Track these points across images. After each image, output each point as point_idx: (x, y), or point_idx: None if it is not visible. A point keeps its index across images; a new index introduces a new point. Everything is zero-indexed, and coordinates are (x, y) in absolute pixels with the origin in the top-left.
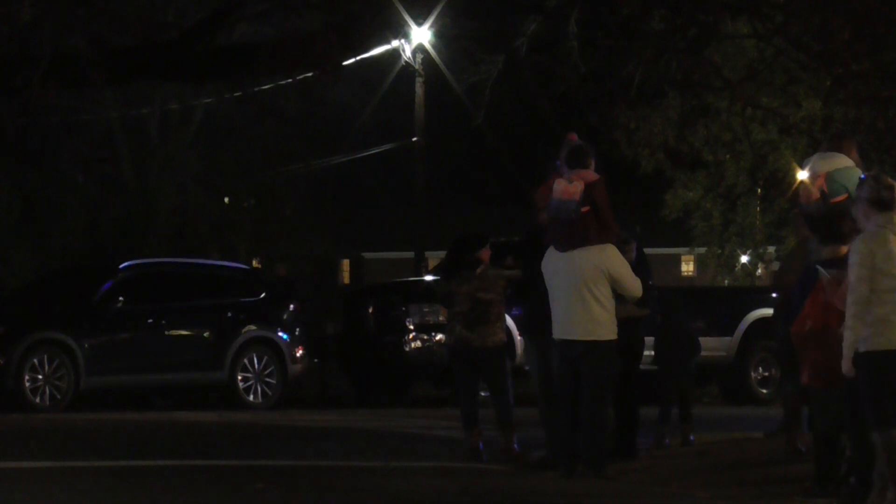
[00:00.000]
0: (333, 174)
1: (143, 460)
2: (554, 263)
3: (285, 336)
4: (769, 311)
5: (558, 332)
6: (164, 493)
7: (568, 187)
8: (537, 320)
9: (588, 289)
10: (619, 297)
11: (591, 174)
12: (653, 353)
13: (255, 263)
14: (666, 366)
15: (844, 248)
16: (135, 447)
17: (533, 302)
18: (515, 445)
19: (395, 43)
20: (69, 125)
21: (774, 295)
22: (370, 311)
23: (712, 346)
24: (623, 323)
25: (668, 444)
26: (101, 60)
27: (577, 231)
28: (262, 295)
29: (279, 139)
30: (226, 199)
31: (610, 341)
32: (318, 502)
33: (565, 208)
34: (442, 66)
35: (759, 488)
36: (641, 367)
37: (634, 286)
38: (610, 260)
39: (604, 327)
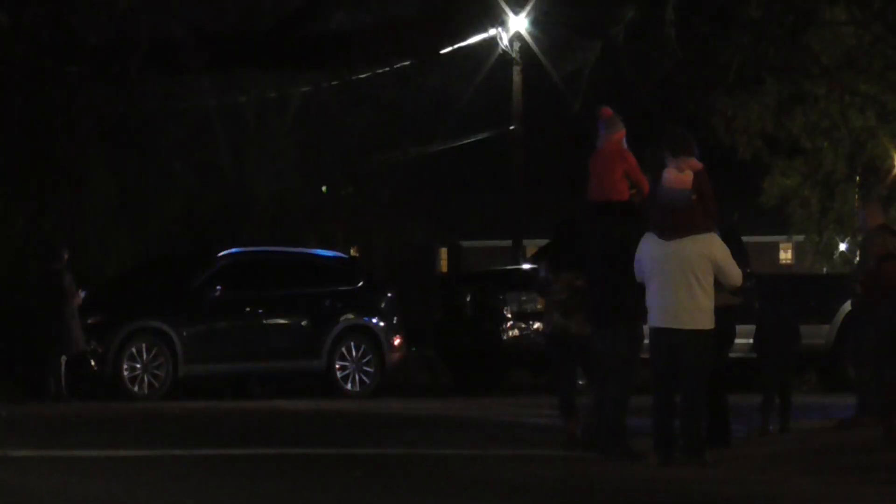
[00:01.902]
0: (431, 162)
1: (240, 449)
2: (657, 251)
3: (383, 324)
4: None
5: (659, 321)
6: (261, 482)
7: (680, 176)
8: (606, 308)
9: (696, 277)
10: (717, 284)
11: (697, 162)
12: (752, 341)
13: (352, 251)
14: (766, 354)
15: None
16: (232, 436)
17: (599, 289)
18: None
19: (492, 31)
20: (167, 112)
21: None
22: (468, 299)
23: (810, 333)
24: (717, 311)
25: (771, 431)
26: (199, 48)
27: (684, 219)
28: (360, 283)
29: (376, 127)
30: (323, 188)
31: (710, 330)
32: (416, 491)
33: (679, 197)
34: (539, 54)
35: (861, 475)
36: (741, 355)
37: (737, 275)
38: (716, 248)
39: (707, 316)
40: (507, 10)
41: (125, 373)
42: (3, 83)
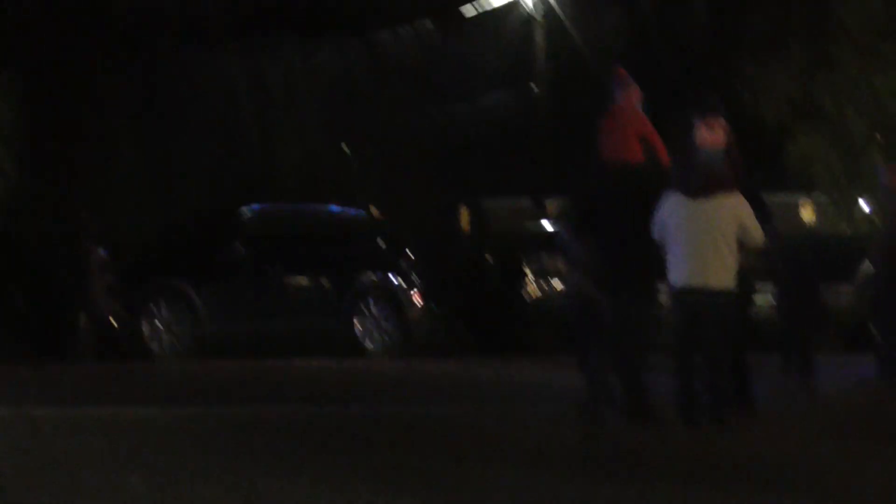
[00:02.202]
0: (453, 122)
1: (260, 408)
2: (683, 210)
3: (403, 283)
4: None
5: (684, 280)
6: (280, 441)
7: (714, 135)
8: (619, 271)
9: (722, 237)
10: (738, 244)
11: (725, 122)
12: (773, 301)
13: (373, 210)
14: (788, 314)
15: None
16: (252, 395)
17: (612, 252)
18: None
19: None
20: (193, 81)
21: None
22: (489, 258)
23: (832, 293)
24: (739, 271)
25: (791, 393)
26: (219, 15)
27: (713, 178)
28: (381, 241)
29: (398, 88)
30: (345, 148)
31: (734, 290)
32: (432, 451)
33: (716, 157)
34: (564, 16)
35: (883, 438)
36: (762, 315)
37: (760, 236)
38: (742, 208)
39: (732, 276)
40: None
41: (146, 332)
42: (33, 57)
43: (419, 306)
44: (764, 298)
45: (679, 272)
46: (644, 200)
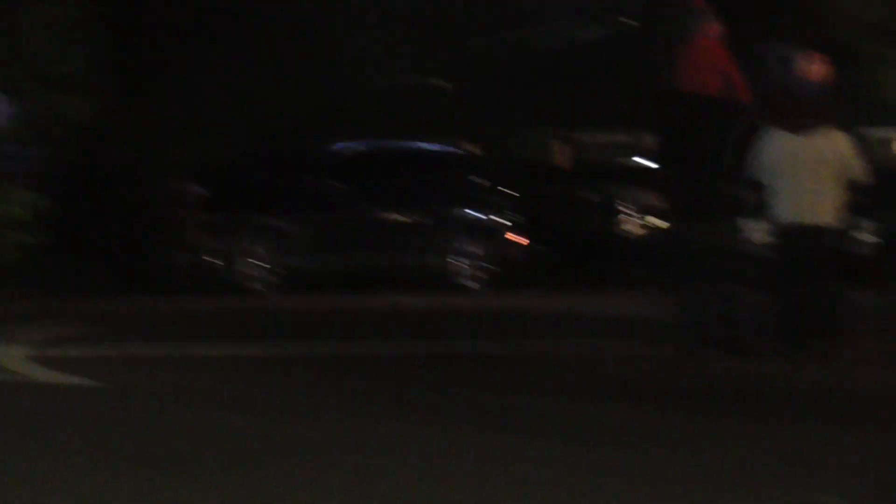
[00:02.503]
0: (549, 54)
1: (354, 347)
2: (788, 147)
3: (499, 219)
4: None
5: (790, 217)
6: (380, 379)
7: (818, 67)
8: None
9: (829, 173)
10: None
11: (822, 54)
12: (875, 237)
13: (469, 146)
14: (890, 249)
15: None
16: (348, 332)
17: (689, 183)
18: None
19: None
20: (278, 10)
21: None
22: (586, 193)
23: None
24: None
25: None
26: None
27: (817, 113)
28: (477, 178)
29: (492, 19)
30: (438, 81)
31: (841, 225)
32: (522, 388)
33: (818, 91)
34: None
35: None
36: (865, 251)
37: (865, 171)
38: (848, 143)
39: (838, 211)
40: None
41: (240, 268)
42: None
43: (515, 242)
44: (865, 235)
45: (784, 209)
46: (721, 134)
